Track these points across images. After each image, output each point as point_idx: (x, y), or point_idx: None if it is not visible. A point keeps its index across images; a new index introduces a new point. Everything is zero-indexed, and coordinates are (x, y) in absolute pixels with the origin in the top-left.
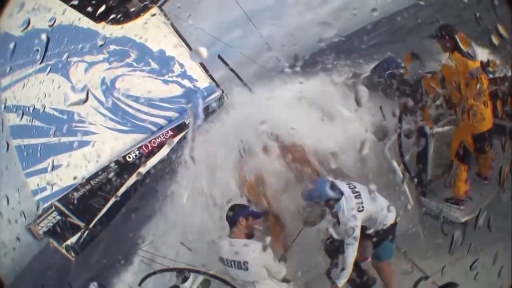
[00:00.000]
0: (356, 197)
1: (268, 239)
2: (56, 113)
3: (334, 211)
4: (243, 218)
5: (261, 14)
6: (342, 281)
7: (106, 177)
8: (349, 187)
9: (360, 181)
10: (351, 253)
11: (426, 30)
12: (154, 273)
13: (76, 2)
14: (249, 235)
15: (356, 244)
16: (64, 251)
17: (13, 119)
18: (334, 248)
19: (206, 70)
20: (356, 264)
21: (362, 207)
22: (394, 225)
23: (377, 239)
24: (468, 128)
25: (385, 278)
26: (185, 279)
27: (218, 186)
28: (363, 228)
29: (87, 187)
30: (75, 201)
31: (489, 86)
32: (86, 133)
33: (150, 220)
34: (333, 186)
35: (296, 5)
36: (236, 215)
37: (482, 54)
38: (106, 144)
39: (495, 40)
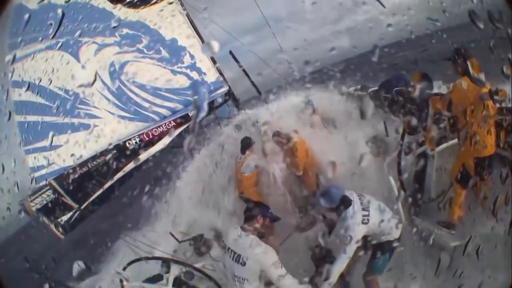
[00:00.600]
0: (363, 209)
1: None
2: (61, 92)
3: (341, 218)
4: (261, 217)
5: (278, 18)
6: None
7: (104, 160)
8: (359, 198)
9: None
10: (339, 263)
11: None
12: (140, 259)
13: None
14: (260, 235)
15: (348, 256)
16: (54, 228)
17: (18, 93)
18: (321, 257)
19: (215, 64)
20: (340, 276)
21: (368, 220)
22: (396, 241)
23: (376, 251)
24: (470, 151)
25: None
26: (169, 269)
27: (216, 183)
28: (365, 237)
29: (84, 169)
30: (71, 182)
31: (495, 115)
32: (89, 115)
33: (141, 206)
34: (345, 195)
35: (313, 15)
36: (256, 212)
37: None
38: (107, 128)
39: (506, 69)
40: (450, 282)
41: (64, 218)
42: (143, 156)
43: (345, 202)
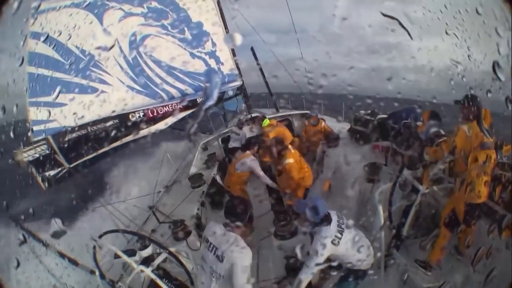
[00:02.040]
0: (338, 231)
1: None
2: (77, 51)
3: (314, 230)
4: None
5: (305, 28)
6: None
7: (104, 126)
8: (338, 220)
9: (340, 212)
10: (304, 276)
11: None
12: (117, 231)
13: None
14: (243, 234)
15: (312, 270)
16: (39, 180)
17: (35, 43)
18: (294, 268)
19: (234, 57)
20: None
21: (338, 242)
22: (368, 270)
23: (349, 275)
24: (463, 197)
25: None
26: (144, 247)
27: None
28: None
29: (83, 131)
30: (67, 141)
31: (496, 168)
32: (99, 79)
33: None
34: (328, 212)
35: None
36: (241, 210)
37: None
38: (114, 96)
39: None
40: None
41: (52, 172)
42: (144, 131)
43: (326, 220)
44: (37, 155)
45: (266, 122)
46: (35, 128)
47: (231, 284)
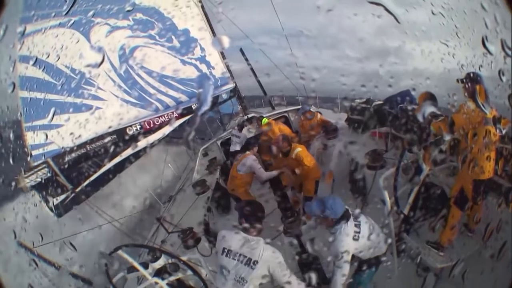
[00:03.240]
0: (356, 225)
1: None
2: (67, 70)
3: (332, 231)
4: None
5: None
6: None
7: (103, 144)
8: (352, 214)
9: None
10: (338, 277)
11: None
12: (127, 245)
13: None
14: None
15: (346, 269)
16: (47, 208)
17: (24, 67)
18: (308, 263)
19: (224, 60)
20: (326, 282)
21: (358, 237)
22: (382, 256)
23: (362, 264)
24: (469, 174)
25: None
26: (155, 259)
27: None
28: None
29: (82, 150)
30: (68, 162)
31: (497, 142)
32: (93, 96)
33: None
34: (346, 210)
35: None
36: (259, 213)
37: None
38: (109, 111)
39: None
40: None
41: (59, 198)
42: (142, 143)
43: (345, 217)
44: (39, 179)
45: (265, 121)
46: (34, 152)
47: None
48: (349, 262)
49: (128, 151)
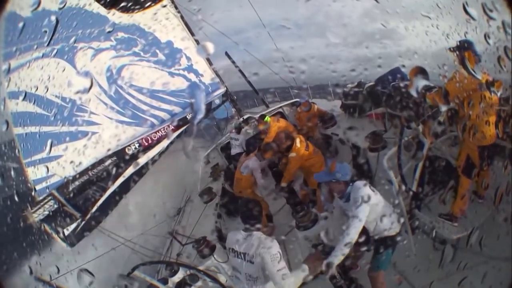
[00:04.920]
0: (371, 189)
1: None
2: (58, 100)
3: (346, 193)
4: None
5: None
6: (333, 261)
7: (104, 168)
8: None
9: None
10: (353, 228)
11: None
12: (144, 264)
13: None
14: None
15: (360, 219)
16: (59, 240)
17: (15, 103)
18: (325, 255)
19: (211, 66)
20: (345, 272)
21: (374, 190)
22: (397, 235)
23: (379, 247)
24: (471, 142)
25: (378, 285)
26: (174, 273)
27: None
28: (367, 233)
29: (85, 177)
30: (72, 191)
31: (494, 106)
32: (87, 122)
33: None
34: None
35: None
36: (256, 212)
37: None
38: (106, 134)
39: (502, 61)
40: (454, 274)
41: (70, 228)
42: (142, 160)
43: (355, 176)
44: (46, 212)
45: (268, 119)
46: (37, 187)
47: (267, 279)
48: (366, 211)
49: (130, 170)
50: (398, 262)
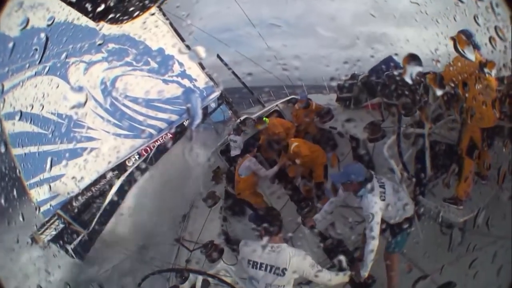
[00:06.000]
0: (380, 186)
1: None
2: (54, 117)
3: (359, 194)
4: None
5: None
6: (365, 273)
7: (106, 182)
8: (375, 176)
9: None
10: (372, 241)
11: None
12: (153, 273)
13: (74, 0)
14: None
15: (376, 232)
16: (67, 255)
17: (12, 124)
18: (333, 248)
19: (204, 70)
20: (353, 262)
21: (384, 197)
22: (413, 217)
23: (396, 230)
24: (472, 124)
25: (393, 270)
26: (184, 279)
27: None
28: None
29: (89, 193)
30: (77, 209)
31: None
32: (85, 137)
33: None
34: (369, 171)
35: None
36: (277, 222)
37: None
38: (105, 147)
39: (493, 40)
40: (464, 256)
41: (75, 243)
42: (142, 169)
43: (369, 178)
44: (54, 232)
45: (267, 120)
46: (42, 208)
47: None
48: (379, 224)
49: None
50: (407, 249)
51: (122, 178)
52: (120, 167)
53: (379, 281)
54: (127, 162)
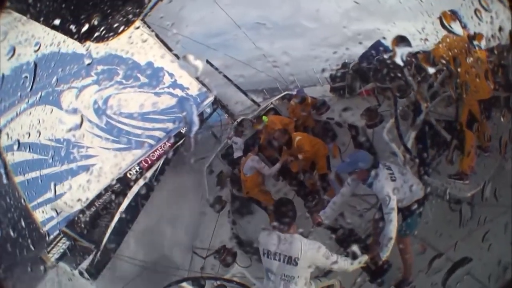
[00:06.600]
0: (387, 168)
1: None
2: (52, 142)
3: (369, 181)
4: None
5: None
6: (386, 253)
7: (109, 196)
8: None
9: None
10: (390, 224)
11: None
12: (170, 285)
13: (58, 23)
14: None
15: (395, 214)
16: (79, 275)
17: (11, 155)
18: (346, 238)
19: (196, 77)
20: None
21: (395, 177)
22: (423, 199)
23: (405, 212)
24: (468, 98)
25: (408, 253)
26: (201, 287)
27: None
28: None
29: (92, 208)
30: (82, 225)
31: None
32: (85, 156)
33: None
34: (374, 157)
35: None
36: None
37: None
38: (106, 165)
39: (478, 12)
40: (476, 230)
41: (86, 263)
42: (146, 181)
43: (375, 163)
44: (61, 251)
45: (265, 119)
46: (47, 227)
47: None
48: (395, 209)
49: (134, 193)
50: (418, 230)
51: (130, 195)
52: (122, 181)
53: (394, 266)
54: (128, 175)
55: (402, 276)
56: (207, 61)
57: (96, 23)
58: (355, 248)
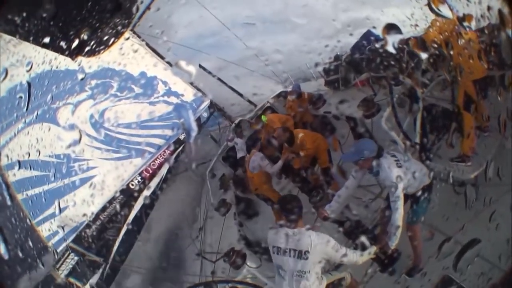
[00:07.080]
0: (392, 156)
1: None
2: (52, 159)
3: (375, 170)
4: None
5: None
6: (394, 242)
7: (114, 208)
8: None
9: None
10: (397, 212)
11: None
12: None
13: (48, 41)
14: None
15: (401, 202)
16: None
17: (12, 174)
18: (353, 229)
19: (190, 82)
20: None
21: (400, 163)
22: (429, 185)
23: (413, 199)
24: (463, 79)
25: (416, 239)
26: None
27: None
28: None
29: (98, 222)
30: (90, 239)
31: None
32: (86, 169)
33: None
34: (379, 145)
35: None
36: (296, 206)
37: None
38: (108, 176)
39: None
40: (483, 211)
41: (96, 277)
42: (149, 191)
43: (380, 151)
44: (70, 266)
45: (265, 118)
46: (52, 241)
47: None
48: (401, 197)
49: (140, 203)
50: (425, 216)
51: (136, 206)
52: (124, 192)
53: (404, 253)
54: (130, 186)
55: (413, 263)
56: (200, 65)
57: (85, 37)
58: (363, 239)
